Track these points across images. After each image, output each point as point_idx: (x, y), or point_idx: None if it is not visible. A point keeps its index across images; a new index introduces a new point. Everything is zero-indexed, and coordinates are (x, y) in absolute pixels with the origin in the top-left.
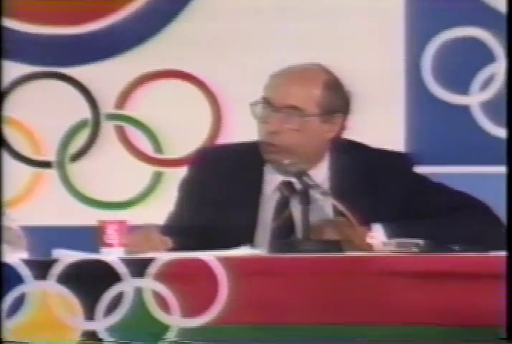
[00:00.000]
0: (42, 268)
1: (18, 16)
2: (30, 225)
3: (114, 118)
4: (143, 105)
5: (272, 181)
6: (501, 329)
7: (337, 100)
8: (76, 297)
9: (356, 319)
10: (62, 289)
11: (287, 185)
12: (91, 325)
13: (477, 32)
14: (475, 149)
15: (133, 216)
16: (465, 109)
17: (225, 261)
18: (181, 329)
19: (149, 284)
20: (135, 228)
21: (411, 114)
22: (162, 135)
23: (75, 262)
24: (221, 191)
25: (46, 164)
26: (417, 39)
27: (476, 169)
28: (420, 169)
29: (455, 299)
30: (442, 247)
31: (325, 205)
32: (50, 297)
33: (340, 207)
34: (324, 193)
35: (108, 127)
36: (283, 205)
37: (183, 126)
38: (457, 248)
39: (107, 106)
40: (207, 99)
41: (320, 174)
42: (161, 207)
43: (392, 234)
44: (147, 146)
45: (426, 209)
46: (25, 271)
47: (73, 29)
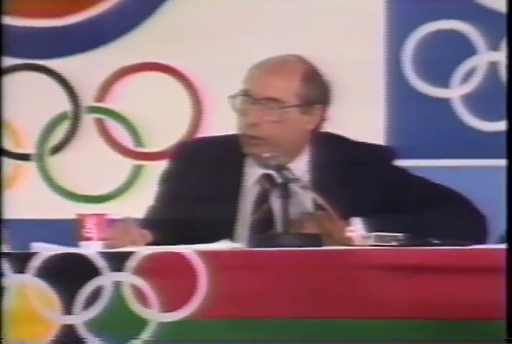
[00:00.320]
0: (20, 261)
1: None
2: (8, 218)
3: (94, 111)
4: (124, 98)
5: (253, 174)
6: (484, 322)
7: (316, 91)
8: (54, 291)
9: (336, 313)
10: (40, 282)
11: (267, 178)
12: (69, 319)
13: (457, 25)
14: (456, 142)
15: (113, 210)
16: (446, 102)
17: (204, 255)
18: (160, 323)
19: (128, 278)
20: (114, 221)
21: (391, 107)
22: (142, 128)
23: (54, 256)
24: (201, 185)
25: (25, 157)
26: (398, 32)
27: (457, 162)
28: (400, 162)
29: (435, 292)
30: (422, 241)
31: (304, 198)
32: (28, 291)
33: (319, 200)
34: (304, 187)
35: (88, 120)
36: (263, 198)
37: (163, 119)
38: (436, 241)
39: (87, 99)
40: (188, 92)
41: (300, 167)
42: (141, 201)
43: (372, 228)
44: (127, 139)
45: (406, 203)
46: (3, 264)
47: (54, 22)
